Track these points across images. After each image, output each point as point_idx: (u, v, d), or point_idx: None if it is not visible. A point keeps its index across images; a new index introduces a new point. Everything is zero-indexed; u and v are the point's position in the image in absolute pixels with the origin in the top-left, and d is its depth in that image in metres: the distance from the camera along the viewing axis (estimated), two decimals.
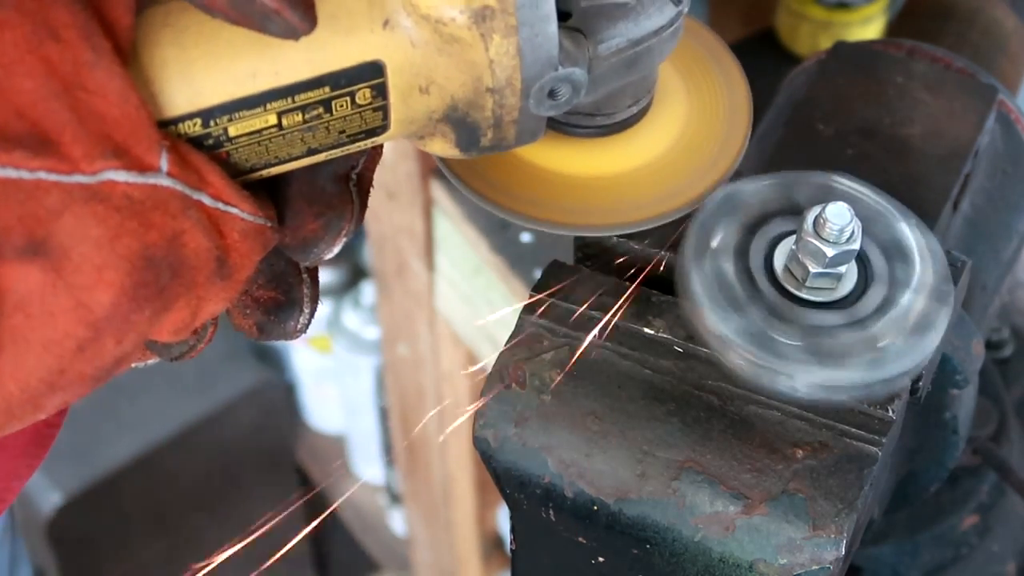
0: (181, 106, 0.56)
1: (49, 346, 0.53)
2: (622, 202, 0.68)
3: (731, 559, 0.65)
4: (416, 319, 1.64)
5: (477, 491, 1.79)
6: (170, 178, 0.54)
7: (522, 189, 0.67)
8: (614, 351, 0.68)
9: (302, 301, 0.64)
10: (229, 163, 0.58)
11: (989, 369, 0.97)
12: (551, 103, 0.60)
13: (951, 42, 0.99)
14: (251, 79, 0.56)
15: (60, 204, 0.51)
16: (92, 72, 0.52)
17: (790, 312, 0.64)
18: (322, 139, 0.60)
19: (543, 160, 0.68)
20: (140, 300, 0.54)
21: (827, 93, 0.82)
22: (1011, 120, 0.87)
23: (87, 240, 0.52)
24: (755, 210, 0.67)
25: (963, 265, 0.71)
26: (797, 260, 0.65)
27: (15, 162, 0.50)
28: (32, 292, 0.51)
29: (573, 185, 0.68)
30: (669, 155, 0.69)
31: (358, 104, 0.59)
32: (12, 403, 0.53)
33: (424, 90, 0.59)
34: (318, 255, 0.63)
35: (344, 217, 0.63)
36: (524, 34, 0.58)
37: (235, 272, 0.58)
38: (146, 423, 2.03)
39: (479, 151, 0.62)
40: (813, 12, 1.41)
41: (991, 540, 0.95)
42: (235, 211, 0.57)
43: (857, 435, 0.65)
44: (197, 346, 0.61)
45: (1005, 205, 0.86)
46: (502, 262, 1.38)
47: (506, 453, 0.67)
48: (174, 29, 0.56)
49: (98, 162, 0.52)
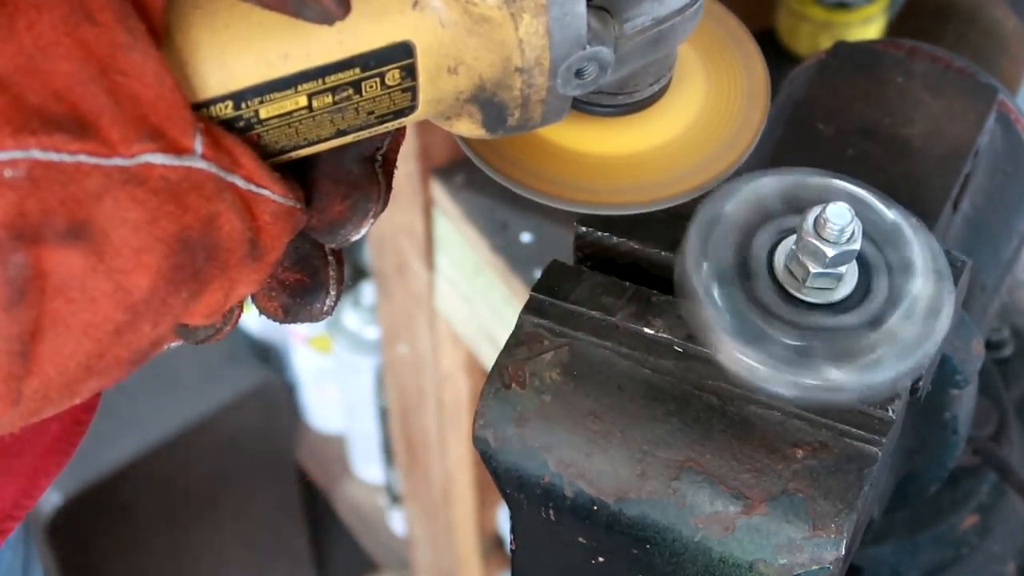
0: (213, 88, 0.56)
1: (88, 330, 0.53)
2: (644, 181, 0.68)
3: (731, 559, 0.65)
4: (416, 319, 1.64)
5: (477, 491, 1.79)
6: (205, 160, 0.54)
7: (544, 168, 0.68)
8: (614, 351, 0.68)
9: (328, 283, 0.64)
10: (259, 145, 0.58)
11: (989, 369, 0.97)
12: (578, 82, 0.61)
13: (951, 42, 0.99)
14: (282, 61, 0.57)
15: (100, 187, 0.51)
16: (128, 55, 0.52)
17: (790, 312, 0.64)
18: (351, 120, 0.60)
19: (563, 139, 0.68)
20: (177, 283, 0.54)
21: (827, 93, 0.82)
22: (1011, 120, 0.87)
23: (126, 223, 0.52)
24: (754, 209, 0.67)
25: (963, 265, 0.71)
26: (797, 260, 0.65)
27: (56, 145, 0.50)
28: (73, 276, 0.52)
29: (595, 164, 0.68)
30: (689, 133, 0.69)
31: (387, 85, 0.59)
32: (50, 387, 0.53)
33: (453, 70, 0.59)
34: (345, 237, 0.63)
35: (371, 198, 0.63)
36: (554, 13, 0.58)
37: (266, 254, 0.58)
38: (146, 423, 2.03)
39: (505, 131, 0.62)
40: (813, 12, 1.41)
41: (991, 540, 0.95)
42: (267, 193, 0.57)
43: (857, 435, 0.65)
44: (224, 328, 0.62)
45: (1005, 205, 0.86)
46: (502, 262, 1.38)
47: (506, 453, 0.67)
48: (205, 12, 0.56)
49: (136, 145, 0.52)
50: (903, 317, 0.64)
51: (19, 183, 0.50)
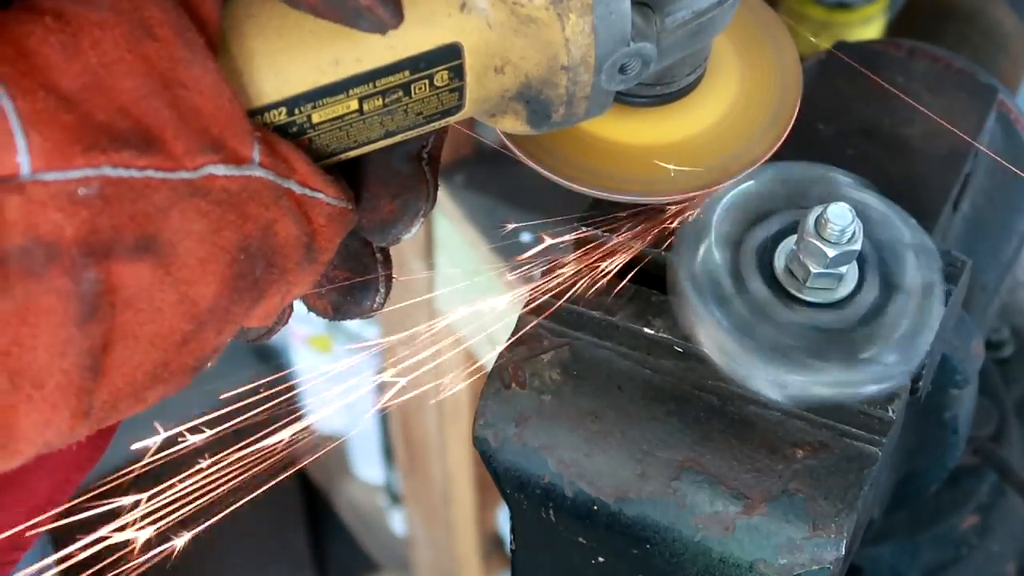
0: (268, 95, 0.57)
1: (155, 341, 0.54)
2: (682, 169, 0.68)
3: (731, 559, 0.65)
4: (416, 319, 1.64)
5: (477, 491, 1.79)
6: (262, 168, 0.55)
7: (584, 159, 0.68)
8: (614, 351, 0.68)
9: (377, 280, 0.66)
10: (311, 149, 0.59)
11: (989, 369, 0.97)
12: (622, 78, 0.61)
13: (951, 42, 0.99)
14: (334, 67, 0.57)
15: (167, 201, 0.52)
16: (188, 68, 0.53)
17: (790, 312, 0.64)
18: (400, 121, 0.60)
19: (601, 130, 0.69)
20: (239, 291, 0.55)
21: (827, 93, 0.82)
22: (1011, 120, 0.87)
23: (191, 235, 0.53)
24: (753, 209, 0.67)
25: (963, 265, 0.71)
26: (798, 260, 0.65)
27: (125, 161, 0.51)
28: (142, 289, 0.52)
29: (634, 154, 0.68)
30: (727, 120, 0.69)
31: (436, 86, 0.60)
32: (118, 397, 0.54)
33: (499, 70, 0.60)
34: (396, 235, 0.64)
35: (421, 196, 0.64)
36: (599, 12, 0.58)
37: (320, 255, 0.59)
38: (146, 423, 2.03)
39: (549, 127, 0.63)
40: (813, 12, 1.41)
41: (991, 540, 0.95)
42: (321, 196, 0.58)
43: (857, 435, 0.65)
44: (276, 328, 0.62)
45: (1005, 205, 0.86)
46: (502, 262, 1.37)
47: (506, 453, 0.67)
48: (257, 20, 0.57)
49: (199, 157, 0.53)
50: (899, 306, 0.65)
51: (91, 201, 0.50)
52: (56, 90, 0.50)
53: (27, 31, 0.51)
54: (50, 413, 0.52)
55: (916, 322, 0.64)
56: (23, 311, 0.50)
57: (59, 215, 0.50)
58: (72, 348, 0.51)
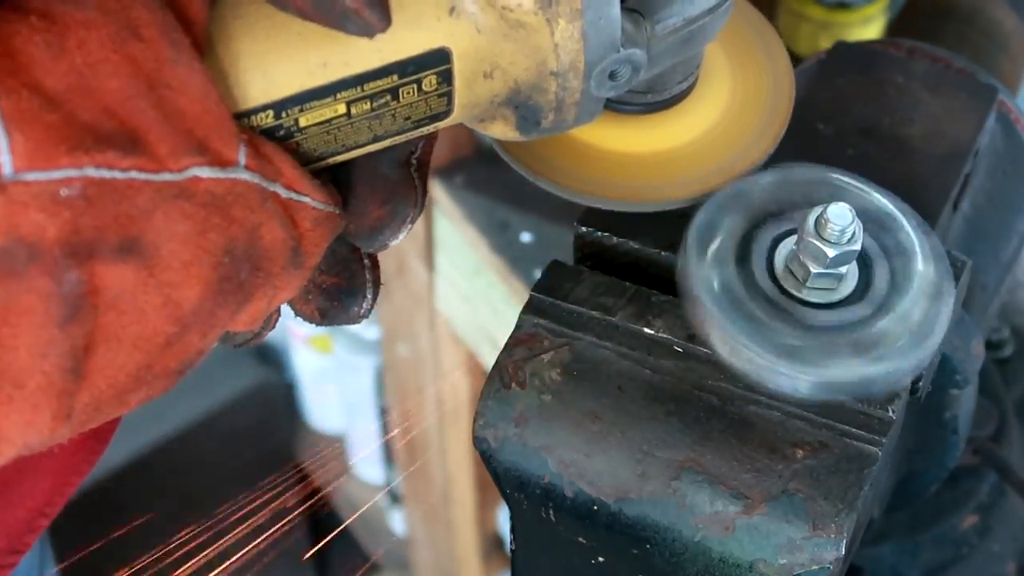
0: (255, 98, 0.57)
1: (139, 343, 0.53)
2: (675, 177, 0.68)
3: (731, 559, 0.65)
4: (416, 319, 1.64)
5: (477, 491, 1.79)
6: (248, 171, 0.55)
7: (576, 167, 0.68)
8: (614, 351, 0.68)
9: (365, 286, 0.65)
10: (298, 153, 0.59)
11: (989, 369, 0.97)
12: (611, 84, 0.61)
13: (951, 42, 0.99)
14: (322, 70, 0.57)
15: (151, 203, 0.52)
16: (174, 69, 0.53)
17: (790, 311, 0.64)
18: (388, 126, 0.60)
19: (592, 137, 0.68)
20: (224, 294, 0.55)
21: (827, 93, 0.82)
22: (1011, 120, 0.87)
23: (175, 237, 0.53)
24: (755, 208, 0.67)
25: (963, 265, 0.71)
26: (798, 260, 0.65)
27: (109, 162, 0.51)
28: (125, 291, 0.52)
29: (625, 162, 0.68)
30: (719, 128, 0.69)
31: (424, 91, 0.59)
32: (100, 400, 0.54)
33: (488, 75, 0.60)
34: (383, 241, 0.64)
35: (409, 203, 0.64)
36: (588, 18, 0.58)
37: (307, 260, 0.59)
38: (146, 423, 2.03)
39: (538, 132, 0.62)
40: (813, 12, 1.41)
41: (991, 540, 0.95)
42: (307, 200, 0.58)
43: (857, 435, 0.65)
44: (262, 332, 0.62)
45: (1005, 205, 0.86)
46: (502, 262, 1.38)
47: (506, 453, 0.67)
48: (245, 22, 0.56)
49: (184, 159, 0.53)
50: (911, 302, 0.65)
51: (74, 201, 0.50)
52: (40, 90, 0.50)
53: (12, 30, 0.50)
54: (31, 415, 0.51)
55: (926, 322, 0.64)
56: (3, 311, 0.49)
57: (41, 215, 0.49)
58: (53, 349, 0.51)
